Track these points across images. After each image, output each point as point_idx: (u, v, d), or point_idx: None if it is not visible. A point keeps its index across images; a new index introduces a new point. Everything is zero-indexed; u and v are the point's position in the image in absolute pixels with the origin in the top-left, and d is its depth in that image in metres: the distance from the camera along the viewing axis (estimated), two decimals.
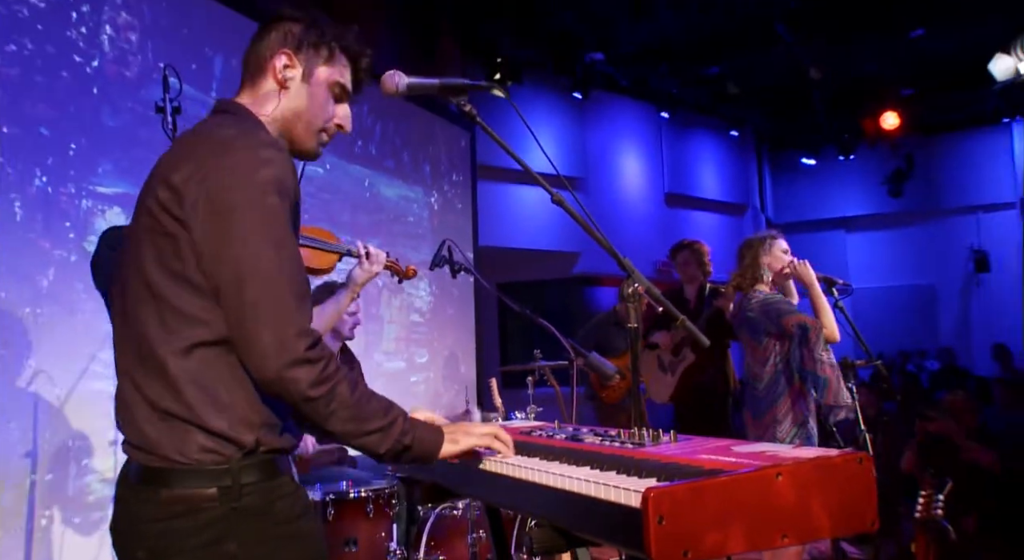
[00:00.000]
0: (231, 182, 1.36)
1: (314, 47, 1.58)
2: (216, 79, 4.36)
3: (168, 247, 1.38)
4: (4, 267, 3.22)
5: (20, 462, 3.19)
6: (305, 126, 1.59)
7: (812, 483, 1.31)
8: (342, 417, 1.38)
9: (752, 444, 1.57)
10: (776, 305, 3.61)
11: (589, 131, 9.13)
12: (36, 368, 3.28)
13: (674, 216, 10.08)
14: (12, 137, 3.30)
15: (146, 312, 1.40)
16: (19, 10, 3.39)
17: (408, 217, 6.18)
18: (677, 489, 1.20)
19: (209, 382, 1.37)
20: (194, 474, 1.35)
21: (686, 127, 10.22)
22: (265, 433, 1.41)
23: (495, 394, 4.62)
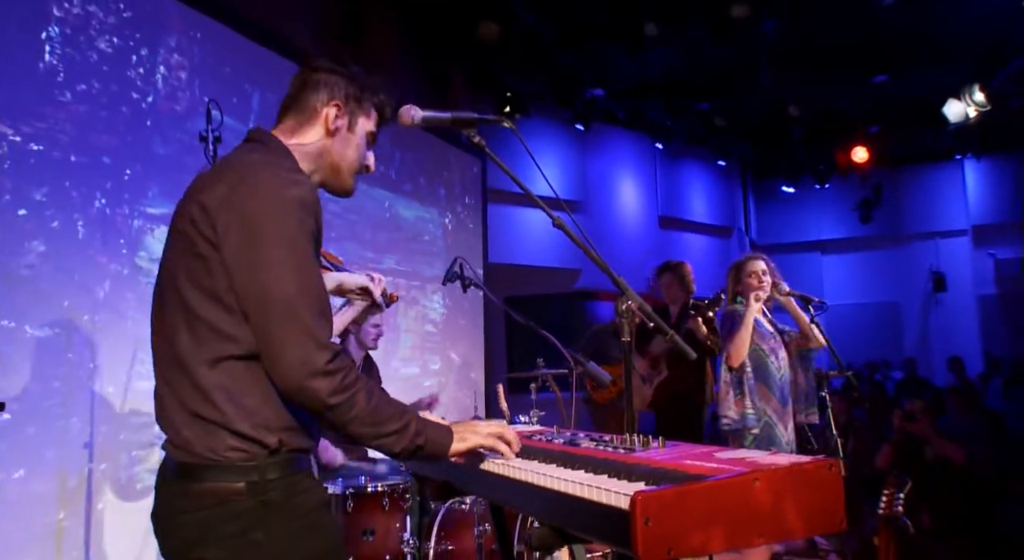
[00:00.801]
0: (258, 208, 1.37)
1: (357, 101, 1.63)
2: (254, 112, 4.40)
3: (201, 267, 1.39)
4: (68, 279, 3.25)
5: (80, 452, 3.22)
6: (348, 169, 1.65)
7: (787, 487, 1.30)
8: (361, 422, 1.39)
9: (733, 451, 1.55)
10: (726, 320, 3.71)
11: (589, 159, 9.15)
12: (93, 368, 3.31)
13: (667, 237, 10.08)
14: (79, 165, 3.34)
15: (180, 326, 1.41)
16: (90, 55, 3.44)
17: (424, 236, 6.20)
18: (663, 493, 1.19)
19: (235, 390, 1.38)
20: (224, 470, 1.37)
21: (678, 156, 10.23)
22: (287, 435, 1.42)
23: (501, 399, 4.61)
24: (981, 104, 6.92)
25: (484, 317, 6.91)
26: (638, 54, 7.05)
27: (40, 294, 3.12)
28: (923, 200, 11.74)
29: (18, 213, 3.07)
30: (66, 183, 3.28)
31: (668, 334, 1.87)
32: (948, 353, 10.33)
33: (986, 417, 5.46)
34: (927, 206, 11.74)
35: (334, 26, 5.53)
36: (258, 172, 1.41)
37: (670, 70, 7.91)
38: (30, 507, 3.01)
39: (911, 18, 6.78)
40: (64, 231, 3.25)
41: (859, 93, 8.80)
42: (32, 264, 3.10)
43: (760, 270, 3.77)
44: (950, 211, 11.61)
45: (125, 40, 3.63)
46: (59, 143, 3.25)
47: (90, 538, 3.20)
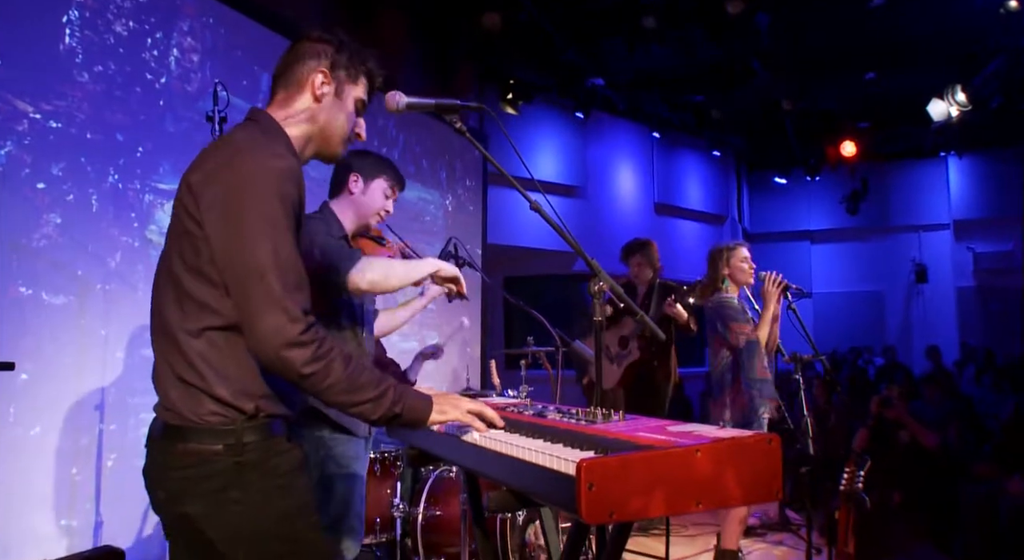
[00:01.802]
0: (238, 185, 1.37)
1: (345, 68, 1.60)
2: (262, 92, 4.41)
3: (188, 244, 1.41)
4: (82, 250, 3.31)
5: (92, 413, 3.30)
6: (337, 135, 1.62)
7: (726, 459, 1.33)
8: (337, 390, 1.40)
9: (686, 425, 1.58)
10: (724, 310, 3.65)
11: (589, 147, 9.13)
12: (105, 335, 3.38)
13: (662, 223, 10.06)
14: (94, 142, 3.39)
15: (170, 299, 1.44)
16: (107, 38, 3.48)
17: (425, 217, 6.22)
18: (607, 461, 1.23)
19: (216, 359, 1.41)
20: (205, 432, 1.40)
21: (674, 146, 10.18)
22: (264, 402, 1.44)
23: (494, 373, 4.66)
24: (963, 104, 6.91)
25: (481, 295, 6.93)
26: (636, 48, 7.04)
27: (56, 263, 3.18)
28: (908, 194, 11.75)
29: (37, 186, 3.13)
30: (82, 159, 3.33)
31: (637, 314, 1.91)
32: (928, 341, 10.38)
33: (959, 402, 5.52)
34: (911, 200, 11.75)
35: (341, 13, 5.53)
36: (241, 150, 1.41)
37: (667, 63, 7.89)
38: (46, 462, 3.10)
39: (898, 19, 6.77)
40: (79, 204, 3.31)
41: (849, 90, 8.79)
42: (49, 235, 3.17)
43: (748, 256, 3.81)
44: (933, 205, 11.63)
45: (140, 24, 3.66)
46: (76, 121, 3.31)
47: (100, 492, 3.30)
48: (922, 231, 11.74)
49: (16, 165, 3.05)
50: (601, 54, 7.76)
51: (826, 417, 6.08)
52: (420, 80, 6.45)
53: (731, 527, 3.63)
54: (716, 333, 3.66)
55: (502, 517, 3.35)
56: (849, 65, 7.93)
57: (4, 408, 2.95)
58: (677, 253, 9.67)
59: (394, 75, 6.16)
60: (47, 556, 2.95)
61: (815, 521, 3.96)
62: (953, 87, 6.97)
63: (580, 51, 7.61)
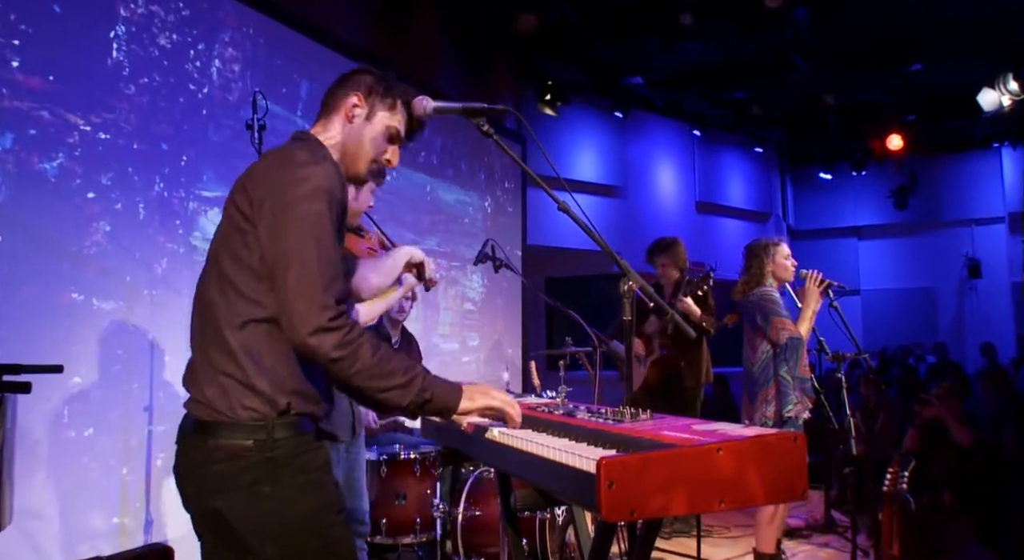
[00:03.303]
0: (289, 189, 1.46)
1: (380, 95, 1.69)
2: (301, 100, 4.52)
3: (238, 239, 1.49)
4: (130, 256, 3.43)
5: (141, 415, 3.41)
6: (361, 155, 1.68)
7: (749, 458, 1.32)
8: (365, 375, 1.44)
9: (712, 423, 1.57)
10: (767, 304, 3.58)
11: (629, 146, 9.09)
12: (152, 339, 3.49)
13: (704, 222, 9.96)
14: (140, 152, 3.51)
15: (215, 292, 1.51)
16: (152, 51, 3.60)
17: (464, 218, 6.26)
18: (627, 459, 1.23)
19: (256, 351, 1.47)
20: (236, 428, 1.45)
21: (715, 143, 10.05)
22: (297, 399, 1.49)
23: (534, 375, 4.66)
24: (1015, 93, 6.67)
25: (521, 296, 6.94)
26: (675, 44, 6.98)
27: (105, 270, 3.31)
28: (959, 187, 11.35)
29: (87, 196, 3.26)
30: (129, 168, 3.45)
31: (668, 314, 1.89)
32: (982, 338, 10.03)
33: (1014, 400, 5.34)
34: (963, 193, 11.34)
35: (376, 20, 5.61)
36: (291, 157, 1.51)
37: (706, 59, 7.80)
38: (98, 462, 3.22)
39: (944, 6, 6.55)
40: (127, 212, 3.43)
41: (894, 82, 8.53)
42: (99, 243, 3.29)
43: (790, 253, 3.75)
44: (986, 198, 11.20)
45: (184, 36, 3.78)
46: (123, 132, 3.43)
47: (150, 491, 3.41)
48: (975, 225, 11.33)
49: (68, 176, 3.18)
50: (638, 52, 7.71)
51: (874, 417, 5.94)
52: (456, 83, 6.50)
53: (763, 529, 3.57)
54: (756, 327, 3.60)
55: (541, 517, 3.36)
56: (893, 56, 7.71)
57: (59, 410, 3.08)
58: (720, 252, 9.53)
59: (430, 78, 6.26)
60: (100, 553, 3.06)
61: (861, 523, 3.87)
62: (1004, 75, 6.73)
63: (617, 50, 7.58)
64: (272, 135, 3.24)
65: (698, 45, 7.07)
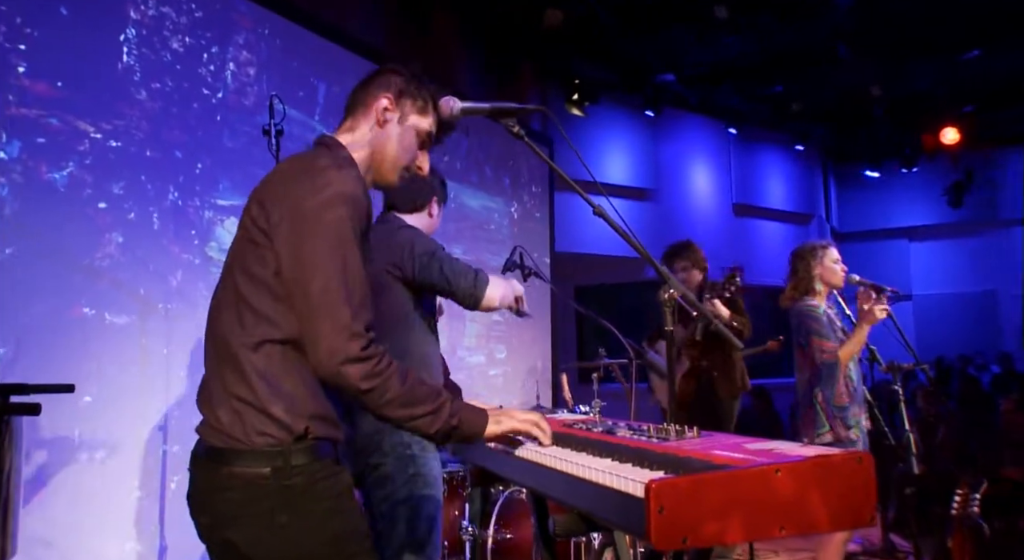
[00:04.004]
0: (309, 202, 1.44)
1: (412, 98, 1.67)
2: (319, 104, 4.52)
3: (254, 254, 1.47)
4: (144, 268, 3.44)
5: (155, 434, 3.41)
6: (392, 161, 1.67)
7: (810, 480, 1.28)
8: (396, 405, 1.46)
9: (766, 442, 1.53)
10: (807, 321, 3.48)
11: (661, 146, 9.04)
12: (167, 354, 3.50)
13: (742, 225, 9.86)
14: (153, 160, 3.53)
15: (230, 310, 1.50)
16: (164, 55, 3.63)
17: (490, 225, 6.25)
18: (678, 481, 1.19)
19: (272, 374, 1.45)
20: (251, 454, 1.43)
21: (752, 141, 9.96)
22: (316, 423, 1.47)
23: (565, 389, 4.62)
24: None
25: (551, 306, 6.90)
26: (708, 38, 6.92)
27: (118, 283, 3.32)
28: (1020, 183, 11.04)
29: (98, 206, 3.28)
30: (142, 177, 3.47)
31: (712, 323, 1.88)
32: None
33: None
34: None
35: (395, 20, 5.62)
36: (313, 169, 1.49)
37: (741, 54, 7.71)
38: (111, 484, 3.22)
39: None
40: (140, 223, 3.45)
41: (948, 70, 8.34)
42: (111, 254, 3.31)
43: (839, 258, 3.66)
44: None
45: (196, 39, 3.80)
46: (135, 139, 3.45)
47: (165, 515, 3.40)
48: None
49: (78, 185, 3.20)
50: (670, 47, 7.67)
51: (933, 432, 5.77)
52: (478, 83, 6.49)
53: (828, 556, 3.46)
54: (798, 344, 3.52)
55: (576, 540, 3.30)
56: (946, 42, 7.53)
57: (69, 431, 3.08)
58: (759, 256, 9.46)
59: (450, 79, 6.26)
60: None
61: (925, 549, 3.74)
62: None
63: (647, 45, 7.53)
64: (289, 140, 3.24)
65: (733, 38, 6.99)
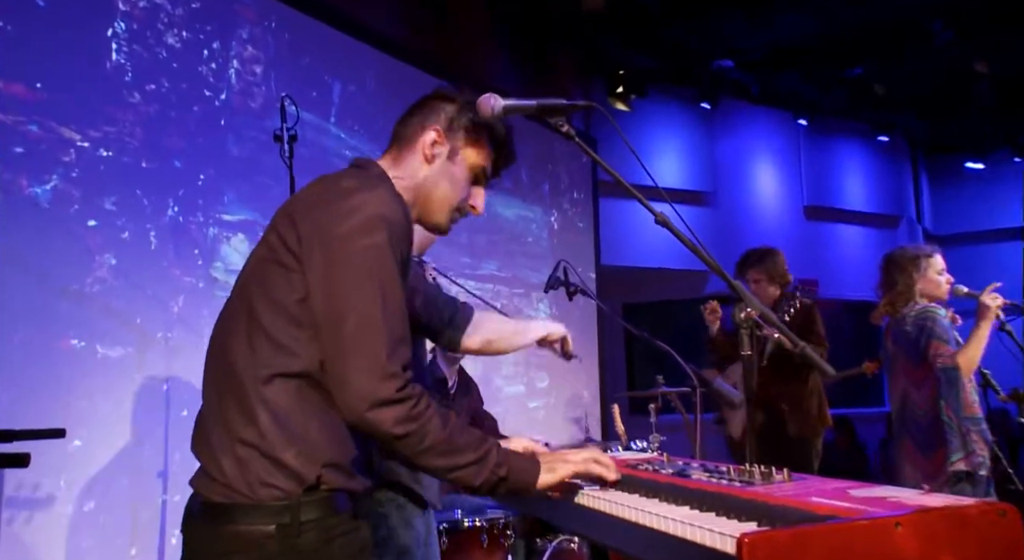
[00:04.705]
0: (344, 227, 1.44)
1: (464, 129, 1.70)
2: (335, 105, 4.53)
3: (277, 276, 1.47)
4: (140, 294, 3.46)
5: (153, 482, 3.40)
6: (441, 202, 1.69)
7: (939, 537, 1.22)
8: (435, 453, 1.44)
9: (874, 487, 1.48)
10: (929, 324, 3.42)
11: (719, 142, 8.98)
12: (168, 390, 3.50)
13: (815, 230, 9.70)
14: (150, 171, 3.56)
15: (240, 335, 1.49)
16: (159, 52, 3.67)
17: (527, 237, 6.25)
18: (776, 535, 1.14)
19: (284, 413, 1.43)
20: (255, 510, 1.41)
21: (827, 134, 9.82)
22: (330, 472, 1.45)
23: (617, 421, 4.58)
24: None
25: (598, 327, 6.88)
26: (770, 16, 6.85)
27: (111, 311, 3.34)
28: None
29: (88, 224, 3.30)
30: (137, 191, 3.50)
31: (799, 346, 1.82)
32: None
33: None
34: None
35: (419, 9, 5.65)
36: (350, 188, 1.50)
37: (811, 32, 7.60)
38: (100, 542, 3.20)
39: None
40: (136, 242, 3.47)
41: None
42: (103, 279, 3.33)
43: (944, 267, 3.60)
44: None
45: (195, 33, 3.84)
46: (128, 148, 3.48)
47: None
48: None
49: (63, 201, 3.23)
50: (726, 30, 7.61)
51: None
52: (512, 79, 6.51)
53: None
54: (920, 355, 3.41)
55: None
56: None
57: (53, 481, 3.07)
58: (836, 267, 9.33)
59: (481, 74, 6.26)
60: None
61: None
62: None
63: (701, 29, 7.47)
64: (303, 146, 3.24)
65: (799, 15, 6.91)
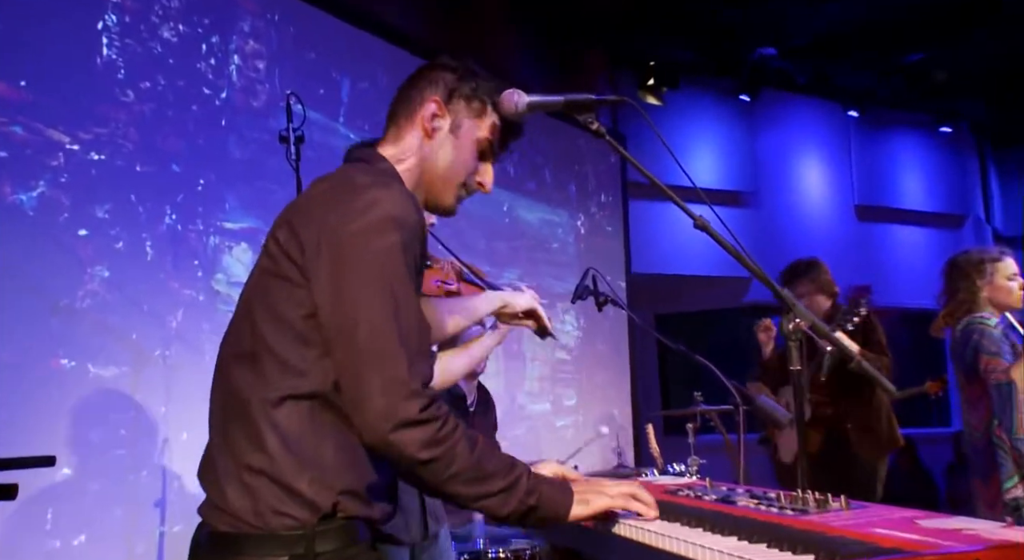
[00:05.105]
0: (351, 230, 1.42)
1: (466, 99, 1.67)
2: (343, 104, 4.54)
3: (280, 290, 1.46)
4: (136, 309, 3.47)
5: (150, 513, 3.40)
6: (445, 179, 1.68)
7: None
8: (462, 480, 1.43)
9: (944, 518, 1.45)
10: (974, 334, 3.38)
11: (760, 138, 8.97)
12: (166, 413, 3.51)
13: (868, 232, 9.63)
14: (145, 175, 3.57)
15: (244, 358, 1.49)
16: (153, 47, 3.69)
17: (552, 243, 6.25)
18: None
19: (295, 437, 1.43)
20: (266, 540, 1.41)
21: (881, 126, 9.75)
22: (347, 499, 1.44)
23: (652, 442, 4.56)
24: None
25: (629, 340, 6.89)
26: None
27: (105, 327, 3.35)
28: None
29: (78, 233, 3.32)
30: (131, 197, 3.52)
31: (855, 360, 1.85)
32: None
33: None
34: None
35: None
36: (352, 188, 1.48)
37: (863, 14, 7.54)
38: None
39: None
40: (130, 253, 3.48)
41: None
42: (95, 292, 3.34)
43: (1018, 271, 3.59)
44: None
45: (192, 27, 3.87)
46: (122, 150, 3.50)
47: None
48: None
49: (52, 208, 3.23)
50: (769, 13, 7.56)
51: None
52: (535, 72, 6.53)
53: None
54: (969, 373, 3.36)
55: None
56: None
57: (39, 514, 3.05)
58: (892, 272, 9.25)
59: (501, 67, 6.25)
60: None
61: None
62: None
63: (740, 13, 7.44)
64: (310, 148, 3.24)
65: None
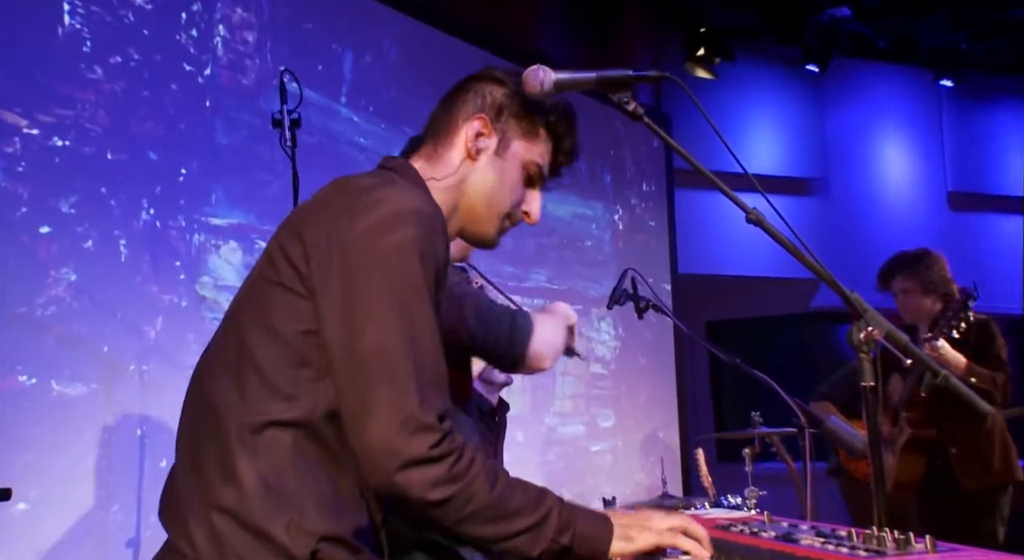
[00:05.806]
0: (365, 244, 1.44)
1: (516, 118, 1.71)
2: (346, 81, 4.51)
3: (278, 299, 1.49)
4: (108, 317, 3.49)
5: (121, 553, 3.41)
6: (488, 207, 1.71)
7: None
8: (481, 519, 1.45)
9: None
10: None
11: (830, 115, 8.92)
12: (141, 436, 3.53)
13: (962, 224, 9.52)
14: (117, 164, 3.59)
15: (227, 374, 1.50)
16: (124, 15, 3.70)
17: (585, 241, 6.26)
18: None
19: (274, 471, 1.42)
20: None
21: (979, 97, 9.64)
22: (327, 547, 1.43)
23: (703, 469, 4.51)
24: None
25: (675, 352, 6.88)
26: None
27: (71, 339, 3.36)
28: None
29: (39, 231, 3.33)
30: (102, 189, 3.53)
31: (939, 374, 1.82)
32: None
33: None
34: None
35: None
36: (372, 194, 1.50)
37: None
38: None
39: None
40: (100, 253, 3.50)
41: None
42: (60, 298, 3.35)
43: None
44: None
45: None
46: (89, 136, 3.51)
47: None
48: None
49: (7, 202, 3.24)
50: None
51: None
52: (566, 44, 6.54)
53: None
54: None
55: None
56: None
57: None
58: (992, 272, 9.05)
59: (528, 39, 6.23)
60: None
61: None
62: None
63: None
64: (308, 133, 3.24)
65: None
